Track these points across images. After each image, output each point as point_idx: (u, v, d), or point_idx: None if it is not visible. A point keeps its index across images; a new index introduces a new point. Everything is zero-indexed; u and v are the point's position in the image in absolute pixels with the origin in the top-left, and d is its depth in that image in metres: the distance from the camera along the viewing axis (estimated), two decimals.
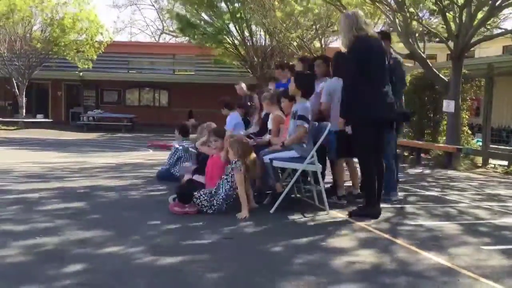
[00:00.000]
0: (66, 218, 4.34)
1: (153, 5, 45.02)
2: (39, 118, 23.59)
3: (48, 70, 24.77)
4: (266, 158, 4.88)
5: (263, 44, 21.20)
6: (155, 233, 3.92)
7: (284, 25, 17.20)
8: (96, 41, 22.90)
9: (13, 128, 21.16)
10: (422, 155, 11.05)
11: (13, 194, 5.48)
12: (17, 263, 3.13)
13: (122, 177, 7.04)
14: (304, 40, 17.90)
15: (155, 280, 2.90)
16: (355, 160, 5.42)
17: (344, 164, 5.75)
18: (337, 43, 18.87)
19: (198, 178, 5.50)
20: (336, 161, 5.56)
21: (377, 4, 11.18)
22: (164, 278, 2.94)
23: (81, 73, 25.43)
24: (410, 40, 10.82)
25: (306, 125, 4.86)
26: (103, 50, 23.10)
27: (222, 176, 4.71)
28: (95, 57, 22.94)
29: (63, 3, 22.20)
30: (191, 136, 7.27)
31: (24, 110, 22.56)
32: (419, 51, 10.84)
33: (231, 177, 4.61)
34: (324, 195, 4.83)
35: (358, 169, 5.11)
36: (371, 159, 4.63)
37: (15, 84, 22.11)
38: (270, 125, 5.85)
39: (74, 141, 15.66)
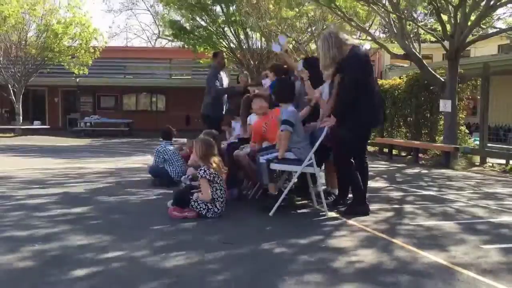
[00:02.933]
0: (67, 224, 4.36)
1: (148, 10, 45.11)
2: (36, 125, 23.56)
3: (44, 77, 24.74)
4: (262, 159, 4.90)
5: (259, 47, 21.24)
6: (156, 237, 3.94)
7: (280, 28, 17.24)
8: (90, 46, 22.91)
9: (10, 135, 21.13)
10: (420, 155, 11.10)
11: (13, 200, 5.50)
12: (19, 269, 3.14)
13: (121, 182, 7.06)
14: (300, 42, 17.93)
15: (158, 284, 2.92)
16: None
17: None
18: None
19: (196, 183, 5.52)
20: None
21: (372, 5, 11.23)
22: (167, 282, 2.95)
23: (77, 79, 25.43)
24: (406, 41, 10.87)
25: (290, 129, 4.88)
26: (99, 55, 23.10)
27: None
28: (90, 62, 22.94)
29: (54, 8, 22.21)
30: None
31: (21, 117, 22.53)
32: (415, 52, 10.90)
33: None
34: (323, 197, 4.86)
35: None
36: (352, 163, 4.87)
37: (11, 91, 22.09)
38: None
39: (72, 147, 15.65)
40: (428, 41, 14.62)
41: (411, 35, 12.08)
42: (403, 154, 12.16)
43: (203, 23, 21.10)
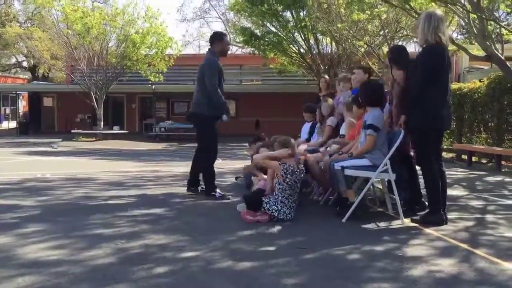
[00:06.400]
0: (147, 224, 4.58)
1: (220, 18, 46.15)
2: (116, 130, 24.84)
3: (122, 84, 26.10)
4: (337, 166, 4.86)
5: (329, 51, 21.08)
6: (230, 240, 4.04)
7: (351, 32, 17.01)
8: (166, 55, 23.88)
9: (92, 139, 22.47)
10: (503, 162, 10.45)
11: (98, 200, 5.87)
12: (103, 264, 3.35)
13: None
14: (372, 46, 17.58)
15: (233, 285, 2.99)
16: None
17: None
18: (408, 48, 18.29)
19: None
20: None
21: (450, 6, 10.78)
22: (241, 283, 3.02)
23: (153, 86, 26.57)
24: (487, 42, 10.33)
25: (375, 134, 4.79)
26: (173, 63, 24.02)
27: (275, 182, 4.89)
28: (165, 69, 23.92)
29: (133, 19, 23.36)
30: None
31: (102, 122, 23.89)
32: (497, 53, 10.33)
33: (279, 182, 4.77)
34: (399, 204, 4.72)
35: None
36: (434, 166, 4.64)
37: (93, 98, 23.51)
38: (343, 131, 5.90)
39: (148, 151, 16.36)
40: (511, 42, 13.76)
41: (493, 36, 11.44)
42: (484, 161, 11.52)
43: (273, 29, 21.31)
